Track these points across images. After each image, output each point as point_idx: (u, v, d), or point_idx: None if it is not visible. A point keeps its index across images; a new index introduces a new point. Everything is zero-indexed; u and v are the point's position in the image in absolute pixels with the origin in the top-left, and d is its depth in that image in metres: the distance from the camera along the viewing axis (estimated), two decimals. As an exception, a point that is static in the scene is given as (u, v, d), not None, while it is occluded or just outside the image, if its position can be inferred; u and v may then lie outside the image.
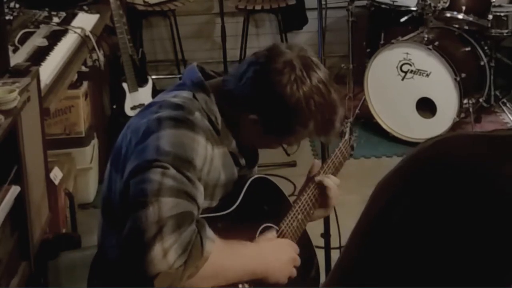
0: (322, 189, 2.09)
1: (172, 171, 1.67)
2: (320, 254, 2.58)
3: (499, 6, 4.79)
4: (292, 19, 5.78)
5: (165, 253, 1.59)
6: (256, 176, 1.99)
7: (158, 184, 1.65)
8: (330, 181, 2.09)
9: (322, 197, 2.10)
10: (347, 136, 2.30)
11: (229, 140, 1.89)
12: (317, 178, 2.09)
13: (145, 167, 1.68)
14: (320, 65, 1.88)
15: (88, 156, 3.95)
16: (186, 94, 1.86)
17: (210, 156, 1.79)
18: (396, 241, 0.71)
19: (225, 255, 1.74)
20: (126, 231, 1.63)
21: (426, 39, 4.67)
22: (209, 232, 1.70)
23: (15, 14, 3.49)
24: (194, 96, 1.86)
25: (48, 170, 2.88)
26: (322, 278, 2.15)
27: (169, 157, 1.69)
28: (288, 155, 2.05)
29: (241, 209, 1.90)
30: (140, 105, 4.41)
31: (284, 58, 1.82)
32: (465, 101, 4.62)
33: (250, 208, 1.93)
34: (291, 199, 2.11)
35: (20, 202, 2.40)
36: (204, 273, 1.68)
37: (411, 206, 0.72)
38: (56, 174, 3.21)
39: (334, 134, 1.93)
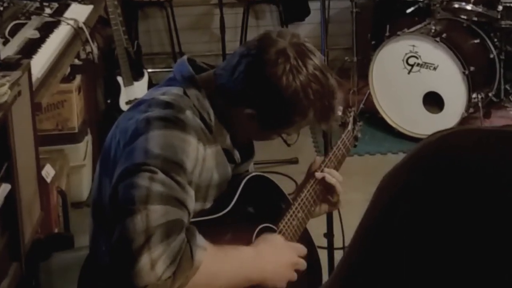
0: (324, 185, 2.08)
1: (160, 175, 1.65)
2: (323, 255, 2.58)
3: (510, -4, 4.79)
4: (293, 10, 5.78)
5: (153, 264, 1.56)
6: (252, 174, 1.98)
7: (146, 190, 1.63)
8: (333, 178, 2.09)
9: (324, 193, 2.09)
10: (350, 127, 2.28)
11: (223, 136, 1.87)
12: (318, 174, 2.08)
13: (133, 171, 1.66)
14: (315, 51, 1.86)
15: (81, 152, 3.95)
16: (176, 90, 1.85)
17: (202, 157, 1.78)
18: (401, 239, 0.72)
19: (217, 262, 1.72)
20: (113, 241, 1.62)
21: (433, 31, 4.67)
22: (199, 240, 1.68)
23: (5, 5, 3.48)
24: (184, 92, 1.84)
25: (39, 168, 2.88)
26: (325, 279, 2.15)
27: (158, 160, 1.67)
28: (289, 145, 2.03)
29: (237, 210, 1.88)
30: (136, 99, 4.39)
31: (277, 48, 1.80)
32: (474, 95, 4.61)
33: (246, 209, 1.92)
34: (292, 197, 2.11)
35: (11, 201, 2.40)
36: (195, 282, 1.66)
37: (416, 203, 0.72)
38: (48, 172, 3.20)
39: (334, 119, 1.92)
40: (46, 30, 3.48)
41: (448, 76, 4.61)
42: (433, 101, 4.72)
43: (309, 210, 2.05)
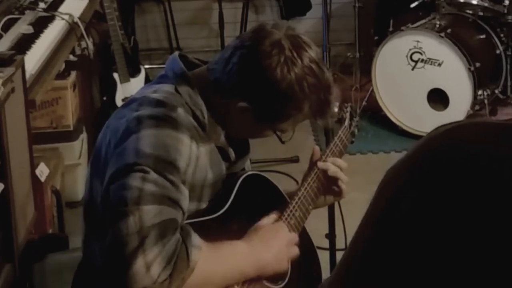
0: (326, 177, 2.08)
1: (153, 175, 1.65)
2: (325, 256, 2.58)
3: (516, -10, 4.78)
4: (294, 5, 5.78)
5: (148, 267, 1.56)
6: (247, 173, 1.98)
7: (138, 191, 1.63)
8: (336, 167, 2.06)
9: (328, 184, 2.08)
10: (346, 123, 2.28)
11: (217, 133, 1.87)
12: (320, 164, 2.07)
13: (124, 172, 1.66)
14: (311, 43, 1.86)
15: (76, 151, 3.95)
16: (167, 88, 1.84)
17: (195, 156, 1.77)
18: (404, 234, 0.72)
19: (212, 260, 1.72)
20: (106, 244, 1.61)
21: (438, 26, 4.66)
22: (194, 239, 1.68)
23: (-2, -1, 3.48)
24: (176, 90, 1.83)
25: (33, 166, 2.88)
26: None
27: (150, 160, 1.67)
28: (283, 142, 2.02)
29: (233, 210, 1.88)
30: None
31: (271, 39, 1.80)
32: (480, 92, 4.61)
33: (242, 209, 1.91)
34: (293, 192, 2.10)
35: (4, 200, 2.40)
36: (191, 282, 1.65)
37: (420, 197, 0.72)
38: (42, 171, 3.20)
39: (330, 114, 1.92)
40: (40, 25, 3.47)
41: (453, 73, 4.61)
42: (438, 98, 4.72)
43: (307, 208, 2.04)
